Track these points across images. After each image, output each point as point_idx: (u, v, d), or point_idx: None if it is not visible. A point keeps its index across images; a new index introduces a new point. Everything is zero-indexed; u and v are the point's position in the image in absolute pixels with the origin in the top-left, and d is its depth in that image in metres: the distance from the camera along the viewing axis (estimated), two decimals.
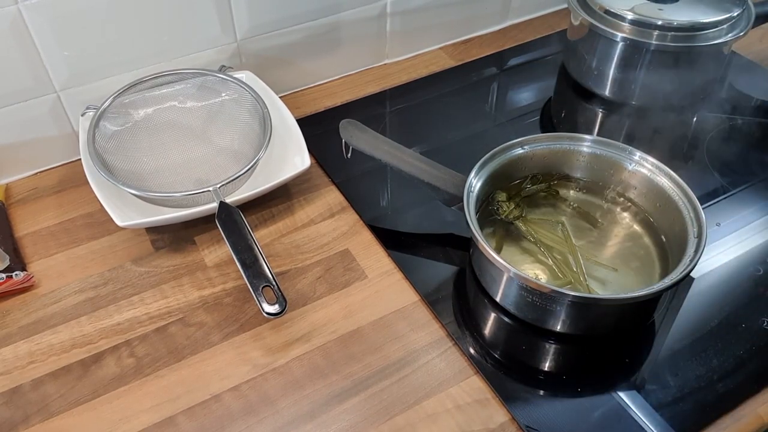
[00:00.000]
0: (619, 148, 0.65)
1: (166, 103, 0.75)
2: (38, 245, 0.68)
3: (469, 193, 0.61)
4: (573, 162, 0.68)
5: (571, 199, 0.68)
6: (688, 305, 0.61)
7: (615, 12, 0.77)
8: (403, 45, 0.92)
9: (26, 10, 0.65)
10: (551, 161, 0.68)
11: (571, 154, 0.67)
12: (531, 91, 0.89)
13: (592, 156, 0.67)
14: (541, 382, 0.57)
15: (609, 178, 0.67)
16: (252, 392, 0.56)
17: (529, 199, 0.67)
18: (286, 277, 0.65)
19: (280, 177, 0.68)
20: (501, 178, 0.66)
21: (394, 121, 0.84)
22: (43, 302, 0.63)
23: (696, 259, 0.55)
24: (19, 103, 0.71)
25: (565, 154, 0.67)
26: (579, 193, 0.68)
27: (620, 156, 0.65)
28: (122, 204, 0.66)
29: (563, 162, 0.68)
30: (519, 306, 0.59)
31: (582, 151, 0.67)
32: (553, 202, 0.67)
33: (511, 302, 0.59)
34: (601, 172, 0.67)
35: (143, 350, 0.59)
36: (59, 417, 0.55)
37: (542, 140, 0.67)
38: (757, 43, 0.93)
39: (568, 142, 0.67)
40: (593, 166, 0.67)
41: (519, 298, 0.58)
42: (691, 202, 0.60)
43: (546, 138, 0.67)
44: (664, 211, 0.63)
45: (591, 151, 0.67)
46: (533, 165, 0.67)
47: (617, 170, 0.66)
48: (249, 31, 0.79)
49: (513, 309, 0.59)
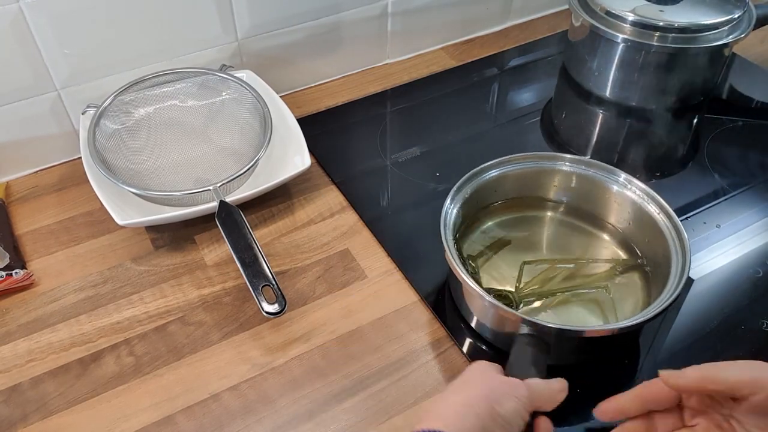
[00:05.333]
0: (603, 169, 0.63)
1: (167, 101, 0.75)
2: (38, 243, 0.68)
3: (445, 222, 0.58)
4: (552, 182, 0.66)
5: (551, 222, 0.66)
6: (687, 307, 0.61)
7: (616, 13, 0.77)
8: (404, 45, 0.92)
9: (27, 9, 0.65)
10: (529, 181, 0.66)
11: (550, 174, 0.65)
12: (532, 92, 0.89)
13: (573, 176, 0.64)
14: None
15: (591, 200, 0.65)
16: (251, 391, 0.56)
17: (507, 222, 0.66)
18: (286, 277, 0.64)
19: (280, 176, 0.68)
20: (479, 199, 0.64)
21: (395, 121, 0.84)
22: (42, 300, 0.63)
23: (677, 291, 0.52)
24: (20, 101, 0.71)
25: (544, 173, 0.65)
26: (558, 214, 0.66)
27: (604, 177, 0.63)
28: (122, 203, 0.66)
29: (542, 182, 0.66)
30: (494, 334, 0.58)
31: (562, 170, 0.65)
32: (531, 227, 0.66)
33: (487, 331, 0.58)
34: (582, 193, 0.65)
35: (142, 349, 0.59)
36: (58, 415, 0.55)
37: (519, 160, 0.64)
38: (758, 44, 0.93)
39: (547, 161, 0.65)
40: (574, 186, 0.65)
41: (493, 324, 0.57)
42: (677, 229, 0.57)
43: (522, 158, 0.64)
44: (649, 237, 0.60)
45: (571, 171, 0.64)
46: (509, 187, 0.65)
47: (600, 192, 0.64)
48: (250, 31, 0.79)
49: (489, 337, 0.58)
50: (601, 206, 0.65)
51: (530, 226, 0.66)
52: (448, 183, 0.74)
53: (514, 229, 0.65)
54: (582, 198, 0.65)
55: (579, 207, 0.66)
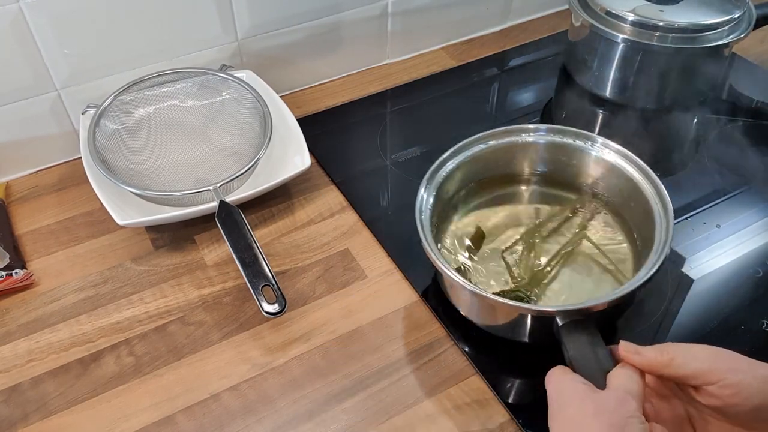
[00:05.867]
0: (578, 135, 0.64)
1: (167, 101, 0.75)
2: (38, 243, 0.68)
3: (421, 213, 0.58)
4: (526, 155, 0.66)
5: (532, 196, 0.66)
6: (687, 307, 0.61)
7: (616, 13, 0.77)
8: (404, 45, 0.92)
9: (27, 9, 0.65)
10: (503, 158, 0.66)
11: (523, 147, 0.65)
12: (532, 92, 0.89)
13: (547, 146, 0.65)
14: (541, 383, 0.56)
15: (569, 168, 0.65)
16: (251, 391, 0.56)
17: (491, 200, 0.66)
18: (286, 277, 0.64)
19: (280, 176, 0.68)
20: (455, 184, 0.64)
21: (395, 121, 0.84)
22: (42, 300, 0.63)
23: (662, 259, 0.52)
24: (20, 101, 0.71)
25: (517, 147, 0.65)
26: (541, 187, 0.67)
27: (580, 144, 0.64)
28: (122, 203, 0.66)
29: (516, 156, 0.66)
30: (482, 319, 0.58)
31: (535, 142, 0.65)
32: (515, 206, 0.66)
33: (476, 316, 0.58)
34: (559, 163, 0.65)
35: (142, 349, 0.59)
36: (58, 415, 0.55)
37: (488, 138, 0.64)
38: (758, 45, 0.93)
39: (516, 135, 0.65)
40: (549, 156, 0.65)
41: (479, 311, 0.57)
42: (657, 189, 0.58)
43: (491, 135, 0.64)
44: (633, 202, 0.61)
45: (544, 141, 0.64)
46: (483, 167, 0.65)
47: (578, 159, 0.64)
48: (250, 31, 0.79)
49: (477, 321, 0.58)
50: (580, 173, 0.65)
51: (509, 204, 0.66)
52: None
53: (493, 211, 0.65)
54: (559, 167, 0.65)
55: (557, 177, 0.66)
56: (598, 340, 0.48)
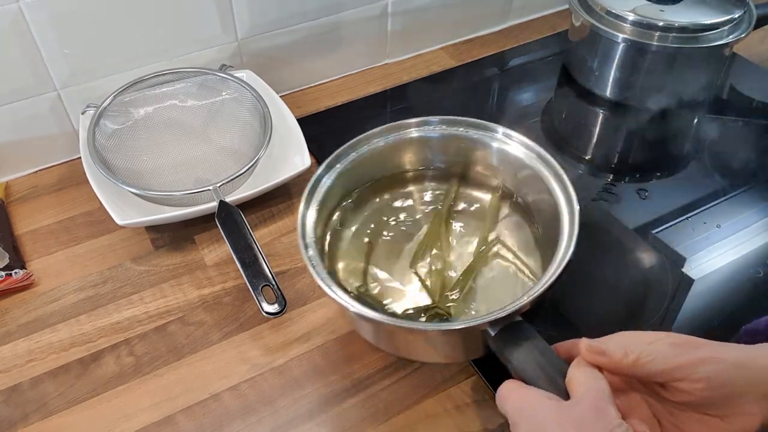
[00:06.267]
0: (475, 126, 0.60)
1: (167, 101, 0.75)
2: (38, 243, 0.68)
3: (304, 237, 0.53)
4: (420, 151, 0.62)
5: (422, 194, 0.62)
6: (687, 307, 0.61)
7: (616, 13, 0.77)
8: (404, 45, 0.92)
9: (27, 9, 0.65)
10: (394, 156, 0.62)
11: (416, 143, 0.61)
12: (532, 92, 0.89)
13: (441, 140, 0.61)
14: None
15: (470, 164, 0.61)
16: (251, 391, 0.56)
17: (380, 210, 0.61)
18: (286, 277, 0.64)
19: (280, 176, 0.68)
20: (341, 192, 0.60)
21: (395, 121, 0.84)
22: (42, 300, 0.63)
23: (567, 257, 0.49)
24: (20, 101, 0.71)
25: (408, 144, 0.61)
26: (440, 184, 0.63)
27: (479, 134, 0.60)
28: (122, 203, 0.65)
29: (408, 153, 0.62)
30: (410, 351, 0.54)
31: (430, 137, 0.61)
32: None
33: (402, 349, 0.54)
34: (458, 157, 0.61)
35: (142, 349, 0.59)
36: (58, 415, 0.55)
37: (375, 137, 0.60)
38: (758, 44, 0.93)
39: (406, 130, 0.61)
40: (445, 150, 0.61)
41: None
42: (562, 182, 0.54)
43: (378, 134, 0.60)
44: (538, 196, 0.57)
45: (438, 135, 0.61)
46: (376, 167, 0.61)
47: (477, 151, 0.60)
48: (250, 30, 0.79)
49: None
50: (481, 167, 0.61)
51: (405, 209, 0.62)
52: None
53: (385, 218, 0.61)
54: (458, 162, 0.62)
55: (456, 172, 0.62)
56: (540, 342, 0.44)
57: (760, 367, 0.39)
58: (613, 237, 0.68)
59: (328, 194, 0.58)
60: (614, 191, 0.73)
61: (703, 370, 0.38)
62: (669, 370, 0.39)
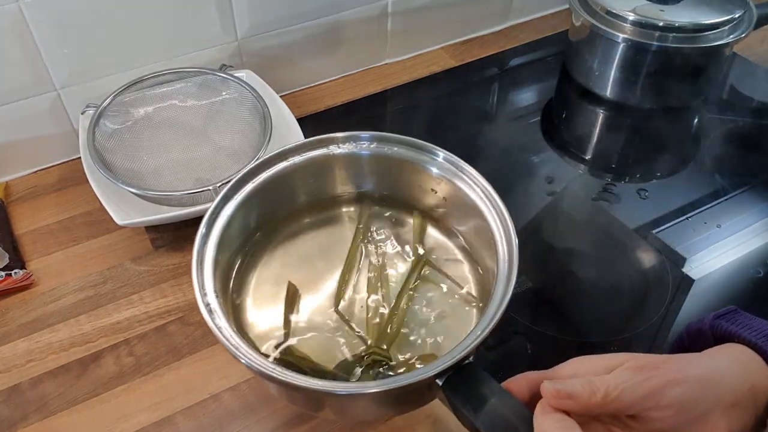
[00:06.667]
0: (413, 146, 0.53)
1: (167, 101, 0.74)
2: (37, 243, 0.68)
3: (201, 277, 0.44)
4: (346, 172, 0.53)
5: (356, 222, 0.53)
6: (688, 307, 0.61)
7: (616, 13, 0.77)
8: (404, 45, 0.92)
9: (27, 8, 0.65)
10: (317, 177, 0.53)
11: (341, 161, 0.53)
12: (532, 92, 0.89)
13: (372, 160, 0.53)
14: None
15: (401, 187, 0.54)
16: (251, 392, 0.56)
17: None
18: None
19: None
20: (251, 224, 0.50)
21: (395, 121, 0.84)
22: (42, 301, 0.63)
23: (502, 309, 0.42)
24: (19, 101, 0.71)
25: (333, 162, 0.53)
26: (367, 209, 0.55)
27: (415, 156, 0.52)
28: (122, 203, 0.65)
29: (334, 174, 0.54)
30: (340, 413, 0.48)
31: (356, 154, 0.53)
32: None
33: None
34: (388, 180, 0.54)
35: (142, 349, 0.59)
36: (58, 416, 0.55)
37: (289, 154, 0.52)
38: (758, 44, 0.93)
39: (327, 147, 0.52)
40: (375, 173, 0.54)
41: None
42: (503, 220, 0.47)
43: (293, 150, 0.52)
44: (477, 229, 0.50)
45: (368, 154, 0.53)
46: (292, 191, 0.53)
47: (412, 175, 0.52)
48: (250, 30, 0.79)
49: None
50: (413, 192, 0.54)
51: (328, 237, 0.53)
52: None
53: (308, 250, 0.53)
54: (389, 186, 0.54)
55: (387, 197, 0.55)
56: (495, 386, 0.39)
57: (725, 378, 0.37)
58: (613, 237, 0.68)
59: (231, 229, 0.48)
60: (614, 191, 0.73)
61: (672, 393, 0.36)
62: (639, 401, 0.36)
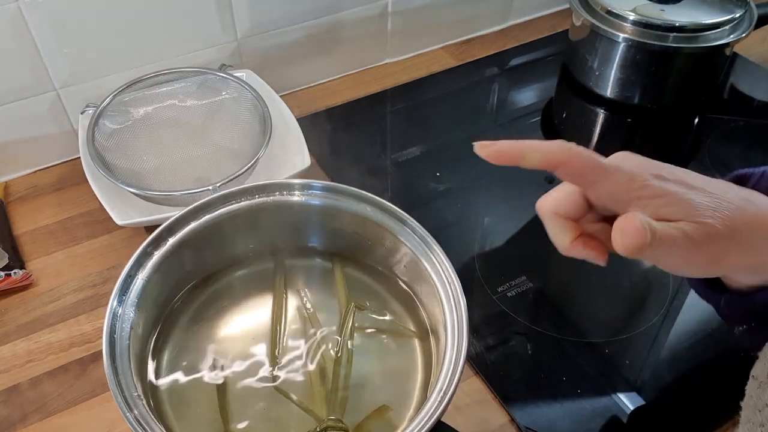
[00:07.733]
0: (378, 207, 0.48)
1: (166, 101, 0.74)
2: (37, 243, 0.68)
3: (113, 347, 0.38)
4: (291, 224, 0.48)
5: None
6: (688, 307, 0.61)
7: (617, 12, 0.77)
8: (404, 44, 0.92)
9: (26, 8, 0.65)
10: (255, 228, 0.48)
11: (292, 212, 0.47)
12: (532, 92, 0.89)
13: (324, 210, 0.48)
14: (541, 384, 0.56)
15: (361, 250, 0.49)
16: None
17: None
18: None
19: (280, 176, 0.68)
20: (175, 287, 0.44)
21: (395, 121, 0.84)
22: (41, 301, 0.63)
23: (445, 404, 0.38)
24: (19, 100, 0.70)
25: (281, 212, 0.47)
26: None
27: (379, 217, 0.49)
28: (121, 202, 0.65)
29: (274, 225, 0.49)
30: None
31: (309, 203, 0.47)
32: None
33: None
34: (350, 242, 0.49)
35: None
36: (57, 416, 0.54)
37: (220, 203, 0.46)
38: (759, 44, 0.93)
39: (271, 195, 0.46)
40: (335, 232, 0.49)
41: None
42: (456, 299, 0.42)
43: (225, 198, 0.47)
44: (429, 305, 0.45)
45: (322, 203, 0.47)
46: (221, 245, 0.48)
47: (374, 236, 0.48)
48: (249, 30, 0.79)
49: None
50: (372, 255, 0.49)
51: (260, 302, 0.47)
52: (448, 183, 0.74)
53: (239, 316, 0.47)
54: (349, 248, 0.49)
55: (345, 258, 0.50)
56: None
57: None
58: None
59: (150, 286, 0.41)
60: None
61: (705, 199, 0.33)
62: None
